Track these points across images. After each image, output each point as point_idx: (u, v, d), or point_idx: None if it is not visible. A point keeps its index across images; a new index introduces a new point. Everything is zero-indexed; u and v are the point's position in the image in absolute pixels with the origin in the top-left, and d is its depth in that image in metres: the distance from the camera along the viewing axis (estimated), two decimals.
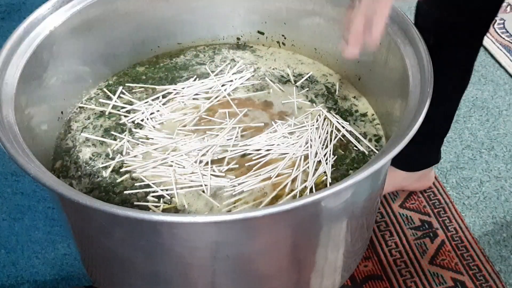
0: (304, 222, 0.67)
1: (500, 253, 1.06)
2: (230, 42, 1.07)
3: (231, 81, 0.97)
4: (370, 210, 0.79)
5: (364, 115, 0.93)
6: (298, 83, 0.98)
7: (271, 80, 0.98)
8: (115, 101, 0.94)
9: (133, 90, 0.97)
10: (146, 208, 0.78)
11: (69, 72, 0.91)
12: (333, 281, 0.84)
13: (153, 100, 0.94)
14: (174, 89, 0.96)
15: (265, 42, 1.06)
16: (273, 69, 1.01)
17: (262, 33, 1.05)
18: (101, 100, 0.95)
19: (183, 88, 0.96)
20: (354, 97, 0.96)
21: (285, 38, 1.04)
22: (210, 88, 0.96)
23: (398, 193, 1.18)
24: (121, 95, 0.96)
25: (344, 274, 0.86)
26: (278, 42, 1.05)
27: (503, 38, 1.57)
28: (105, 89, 0.97)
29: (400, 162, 1.10)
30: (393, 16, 0.83)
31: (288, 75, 1.00)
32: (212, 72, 0.99)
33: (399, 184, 1.14)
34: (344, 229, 0.73)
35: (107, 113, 0.93)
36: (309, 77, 0.99)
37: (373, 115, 0.93)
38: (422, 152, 1.08)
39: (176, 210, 0.78)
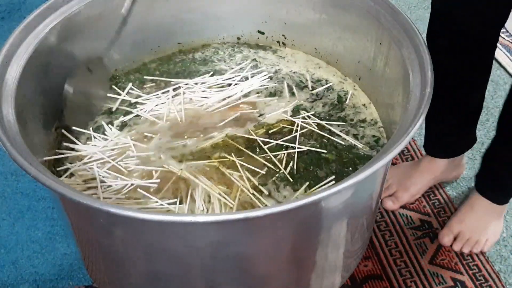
0: (304, 222, 0.67)
1: (500, 253, 1.06)
2: (230, 41, 1.07)
3: (246, 79, 0.97)
4: (370, 210, 0.79)
5: (365, 115, 0.93)
6: (314, 92, 0.96)
7: (289, 84, 0.97)
8: (114, 100, 0.94)
9: (132, 91, 0.97)
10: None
11: (69, 72, 0.90)
12: (333, 281, 0.84)
13: (158, 96, 0.94)
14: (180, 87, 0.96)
15: (265, 42, 1.06)
16: (294, 72, 1.01)
17: (262, 33, 1.05)
18: None
19: (186, 84, 0.96)
20: (364, 105, 0.94)
21: (285, 37, 1.04)
22: (222, 87, 0.96)
23: None
24: (116, 95, 0.95)
25: (344, 274, 0.86)
26: (278, 41, 1.05)
27: (503, 38, 1.57)
28: None
29: (442, 150, 1.09)
30: (393, 15, 0.83)
31: (307, 80, 0.99)
32: (230, 69, 0.99)
33: (439, 176, 1.12)
34: (344, 229, 0.73)
35: (106, 112, 0.93)
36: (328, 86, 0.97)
37: (373, 114, 0.92)
38: (461, 135, 1.07)
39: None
